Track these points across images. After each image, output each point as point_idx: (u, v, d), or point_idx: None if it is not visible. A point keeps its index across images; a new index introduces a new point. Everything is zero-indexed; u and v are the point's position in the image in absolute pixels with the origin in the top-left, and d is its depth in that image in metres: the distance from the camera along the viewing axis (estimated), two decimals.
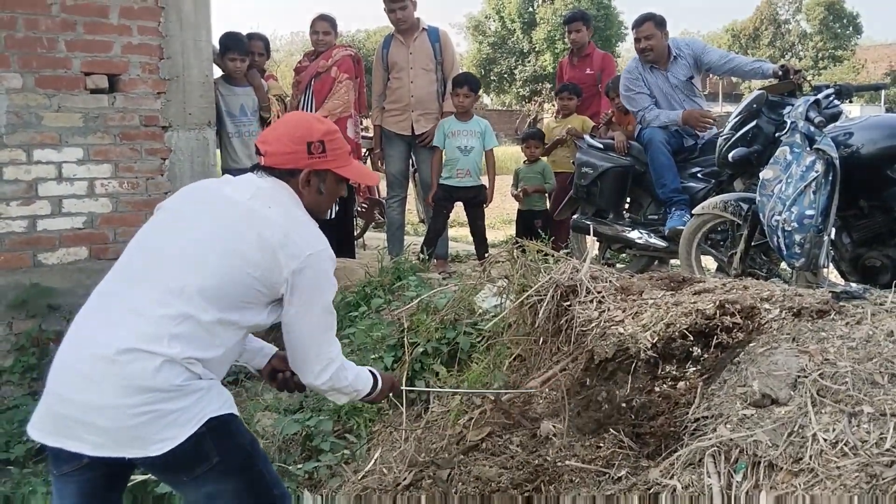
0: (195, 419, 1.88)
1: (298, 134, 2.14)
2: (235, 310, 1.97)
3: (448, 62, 5.82)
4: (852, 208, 3.79)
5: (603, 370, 2.84)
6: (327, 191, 2.20)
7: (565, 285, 3.21)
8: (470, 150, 5.60)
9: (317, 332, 2.11)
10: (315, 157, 2.14)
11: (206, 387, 1.93)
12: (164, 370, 1.85)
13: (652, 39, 5.12)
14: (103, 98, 4.46)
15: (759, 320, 2.61)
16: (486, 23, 37.38)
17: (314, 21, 5.75)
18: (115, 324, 1.90)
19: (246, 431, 2.10)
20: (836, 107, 3.97)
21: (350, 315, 4.47)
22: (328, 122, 2.31)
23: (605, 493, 2.32)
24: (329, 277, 2.10)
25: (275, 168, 2.13)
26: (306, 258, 2.01)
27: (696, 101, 5.22)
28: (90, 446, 1.85)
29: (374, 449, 3.21)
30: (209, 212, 2.06)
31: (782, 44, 40.07)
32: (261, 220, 2.01)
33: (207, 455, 1.91)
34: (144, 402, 1.83)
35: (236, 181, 2.17)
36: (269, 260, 1.98)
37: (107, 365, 1.84)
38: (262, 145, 2.17)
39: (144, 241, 2.08)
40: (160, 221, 2.11)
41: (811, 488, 1.92)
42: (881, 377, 2.13)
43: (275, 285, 2.01)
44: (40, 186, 4.31)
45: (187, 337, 1.89)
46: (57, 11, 4.28)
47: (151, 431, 1.84)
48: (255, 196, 2.07)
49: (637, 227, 5.29)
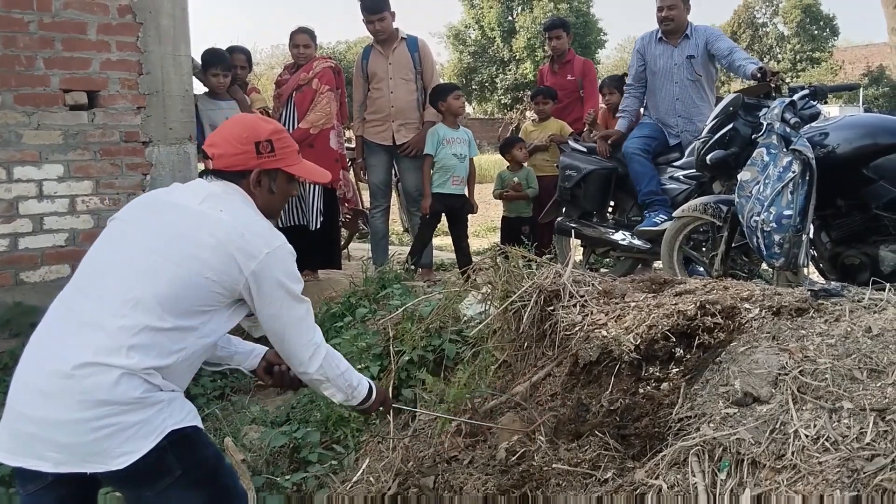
0: (156, 432, 1.86)
1: (245, 135, 2.14)
2: (194, 315, 1.95)
3: (428, 71, 5.84)
4: (830, 207, 3.84)
5: (587, 373, 2.85)
6: (279, 190, 2.20)
7: (549, 290, 3.22)
8: (464, 157, 5.65)
9: (294, 323, 2.11)
10: (264, 157, 2.13)
11: (166, 399, 1.91)
12: (123, 383, 1.82)
13: (674, 10, 5.17)
14: (83, 114, 4.45)
15: (740, 320, 2.64)
16: (466, 32, 37.51)
17: (294, 34, 5.75)
18: (71, 338, 1.88)
19: (210, 444, 2.07)
20: (813, 107, 4.02)
21: (335, 325, 4.46)
22: (274, 121, 2.31)
23: (592, 494, 2.33)
24: (292, 271, 2.09)
25: (224, 171, 2.12)
26: (265, 257, 2.00)
27: (689, 86, 5.21)
28: (51, 464, 1.83)
29: (362, 459, 3.21)
30: (161, 220, 2.04)
31: (760, 47, 40.39)
32: (213, 223, 2.00)
33: (170, 468, 1.89)
34: (103, 416, 1.81)
35: (185, 187, 2.16)
36: (226, 262, 1.96)
37: (64, 380, 1.82)
38: (210, 148, 2.16)
39: (98, 254, 2.05)
40: (112, 233, 2.08)
41: (794, 484, 1.94)
42: (860, 373, 2.16)
43: (233, 286, 1.99)
44: (21, 204, 4.28)
45: (145, 347, 1.87)
46: (35, 29, 4.26)
47: (112, 445, 1.82)
48: (205, 200, 2.05)
49: (621, 229, 5.33)
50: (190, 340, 1.96)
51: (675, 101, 5.22)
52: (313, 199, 5.63)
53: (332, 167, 5.69)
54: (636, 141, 5.23)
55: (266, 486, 3.02)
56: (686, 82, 5.23)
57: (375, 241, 6.06)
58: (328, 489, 3.07)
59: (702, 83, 5.25)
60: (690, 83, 5.23)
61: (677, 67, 5.22)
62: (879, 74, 36.60)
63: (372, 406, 2.41)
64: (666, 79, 5.27)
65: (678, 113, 5.22)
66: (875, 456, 1.89)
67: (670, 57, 5.25)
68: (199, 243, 1.97)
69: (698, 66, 5.22)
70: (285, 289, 2.06)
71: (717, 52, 5.11)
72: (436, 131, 5.61)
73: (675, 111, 5.23)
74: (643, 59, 5.38)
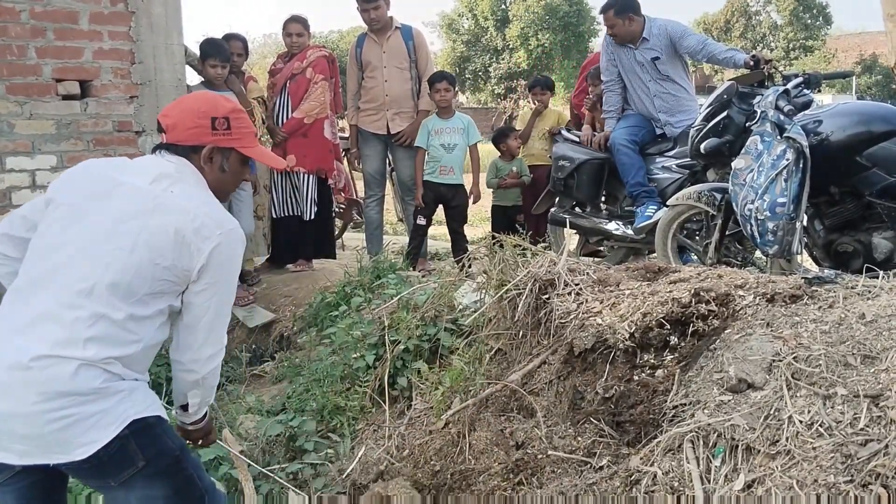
0: (117, 421, 1.85)
1: (203, 109, 2.10)
2: (146, 304, 1.92)
3: (422, 60, 5.82)
4: (824, 195, 3.85)
5: (583, 361, 2.87)
6: (231, 170, 2.15)
7: (544, 279, 3.23)
8: (453, 147, 5.61)
9: (219, 312, 2.05)
10: (219, 134, 2.09)
11: (127, 388, 1.89)
12: (81, 373, 1.81)
13: (615, 28, 5.15)
14: (75, 104, 4.43)
15: (734, 307, 2.65)
16: (459, 21, 37.41)
17: (286, 23, 5.73)
18: (26, 331, 1.85)
19: (174, 435, 2.04)
20: (806, 95, 4.02)
21: (331, 315, 4.46)
22: (235, 101, 2.27)
23: (588, 482, 2.34)
24: (238, 257, 2.06)
25: (177, 145, 2.08)
26: (217, 237, 1.96)
27: (661, 83, 5.16)
28: (16, 455, 1.82)
29: (358, 447, 3.22)
30: (111, 204, 1.97)
31: (753, 35, 40.39)
32: (165, 206, 1.95)
33: (132, 458, 1.87)
34: (63, 407, 1.79)
35: (135, 164, 2.10)
36: (179, 246, 1.92)
37: (22, 372, 1.80)
38: (164, 119, 2.11)
39: (48, 242, 1.98)
40: (59, 219, 1.99)
41: (788, 469, 1.95)
42: (854, 359, 2.17)
43: (186, 272, 1.95)
44: (14, 195, 4.26)
45: (102, 337, 1.85)
46: (27, 18, 4.24)
47: (73, 435, 1.81)
48: (156, 180, 2.00)
49: (614, 219, 5.33)
50: (145, 329, 1.94)
51: (654, 98, 5.19)
52: (307, 189, 5.62)
53: (326, 157, 5.69)
54: (622, 132, 5.20)
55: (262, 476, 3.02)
56: (658, 81, 5.18)
57: (370, 231, 6.06)
58: (324, 478, 3.08)
59: (674, 79, 5.19)
60: (663, 80, 5.18)
61: (644, 69, 5.17)
62: (872, 63, 36.66)
63: (200, 430, 2.27)
64: (637, 79, 5.23)
65: (659, 109, 5.20)
66: (868, 441, 1.90)
67: (634, 59, 5.20)
68: (151, 228, 1.92)
69: (665, 66, 5.15)
70: (227, 270, 2.02)
71: (689, 50, 5.04)
72: (426, 123, 5.60)
73: (655, 107, 5.21)
74: (613, 56, 5.34)
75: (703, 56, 5.03)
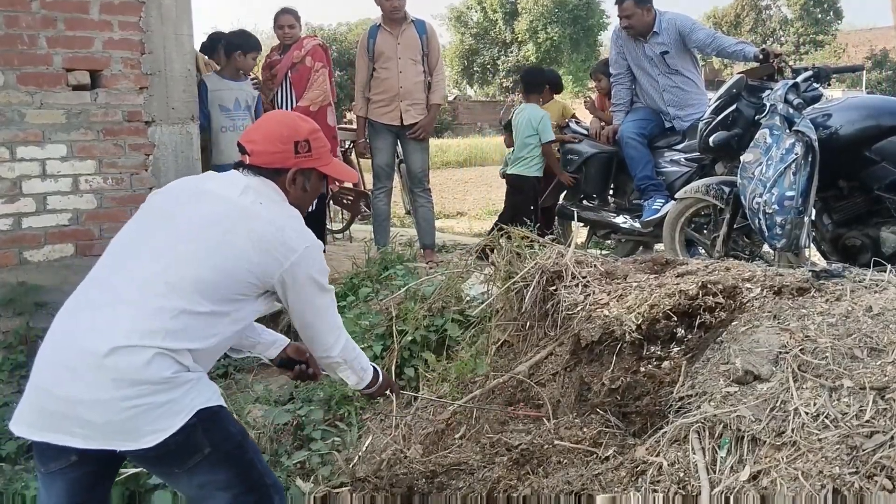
0: (185, 410, 1.90)
1: (286, 133, 2.16)
2: (228, 302, 2.00)
3: (433, 55, 5.83)
4: (832, 189, 3.85)
5: (589, 353, 2.87)
6: (311, 188, 2.24)
7: (551, 270, 3.24)
8: None
9: (322, 311, 2.19)
10: (301, 157, 2.17)
11: (194, 378, 1.95)
12: (155, 363, 1.86)
13: (632, 18, 5.13)
14: (85, 94, 4.44)
15: (741, 300, 2.65)
16: (468, 14, 37.37)
17: (278, 15, 5.77)
18: (107, 317, 1.90)
19: (235, 422, 2.12)
20: (816, 89, 4.01)
21: (339, 305, 4.47)
22: (311, 120, 2.32)
23: (594, 472, 2.35)
24: (323, 266, 2.16)
25: (261, 167, 2.15)
26: (303, 251, 2.06)
27: (670, 76, 5.16)
28: (80, 439, 1.86)
29: (365, 436, 3.24)
30: (203, 208, 2.07)
31: (763, 30, 40.19)
32: (253, 216, 2.04)
33: (199, 446, 1.93)
34: (135, 395, 1.84)
35: (222, 178, 2.18)
36: (264, 255, 2.01)
37: (97, 359, 1.84)
38: (249, 144, 2.18)
39: (135, 235, 2.08)
40: (150, 216, 2.11)
41: (794, 461, 1.96)
42: (860, 352, 2.17)
43: (268, 278, 2.04)
44: (24, 184, 4.28)
45: (182, 330, 1.91)
46: (37, 8, 4.25)
47: (142, 423, 1.85)
48: (244, 193, 2.09)
49: (622, 212, 5.33)
50: (223, 326, 2.00)
51: (663, 93, 5.18)
52: None
53: (331, 143, 5.71)
54: (630, 125, 5.20)
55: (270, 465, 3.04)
56: (667, 75, 5.17)
57: (378, 223, 6.07)
58: (331, 466, 3.10)
59: (683, 73, 5.18)
60: (672, 74, 5.16)
61: (653, 63, 5.16)
62: (883, 58, 36.47)
63: (378, 389, 2.50)
64: (647, 73, 5.23)
65: (668, 103, 5.19)
66: (874, 433, 1.91)
67: (643, 53, 5.19)
68: (240, 235, 2.01)
69: (674, 60, 5.14)
70: (317, 282, 2.12)
71: (698, 44, 5.04)
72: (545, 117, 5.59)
73: (664, 101, 5.20)
74: (622, 49, 5.33)
75: (713, 50, 5.03)
